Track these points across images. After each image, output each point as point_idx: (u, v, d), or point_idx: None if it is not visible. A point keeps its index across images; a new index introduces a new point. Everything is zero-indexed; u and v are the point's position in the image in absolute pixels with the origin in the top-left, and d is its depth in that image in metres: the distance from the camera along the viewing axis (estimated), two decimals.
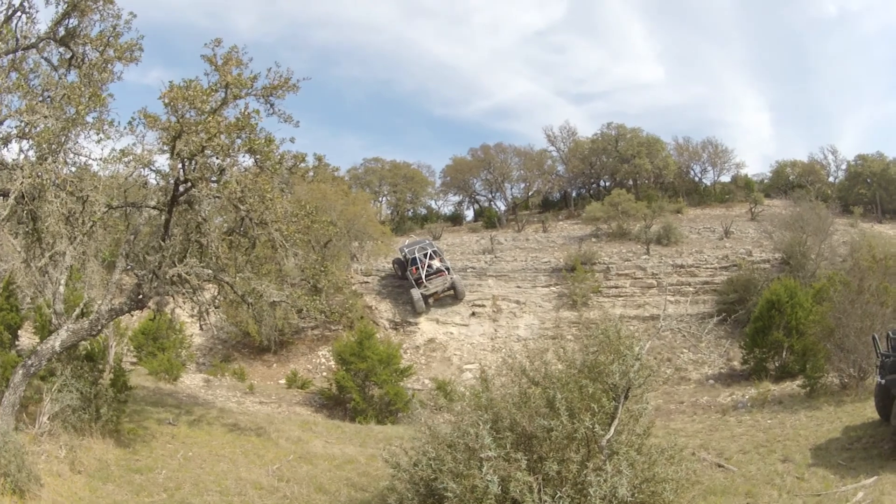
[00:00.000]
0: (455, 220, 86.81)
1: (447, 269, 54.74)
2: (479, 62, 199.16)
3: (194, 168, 19.43)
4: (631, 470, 12.55)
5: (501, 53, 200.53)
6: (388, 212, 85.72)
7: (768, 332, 37.02)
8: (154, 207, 21.19)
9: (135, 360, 37.57)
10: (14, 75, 20.25)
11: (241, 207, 20.53)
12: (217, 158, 19.31)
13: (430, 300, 53.59)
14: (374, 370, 36.26)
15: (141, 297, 21.11)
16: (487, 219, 79.05)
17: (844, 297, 30.42)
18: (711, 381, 40.31)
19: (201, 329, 27.31)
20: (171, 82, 18.63)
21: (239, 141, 19.40)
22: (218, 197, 20.17)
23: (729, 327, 45.62)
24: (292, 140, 21.64)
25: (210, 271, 21.79)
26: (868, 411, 23.98)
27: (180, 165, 19.53)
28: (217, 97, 19.60)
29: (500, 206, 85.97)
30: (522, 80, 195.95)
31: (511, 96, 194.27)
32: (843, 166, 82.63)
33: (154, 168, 20.48)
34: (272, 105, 20.89)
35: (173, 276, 20.81)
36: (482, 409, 13.87)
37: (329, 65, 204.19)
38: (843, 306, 29.97)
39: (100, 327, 20.42)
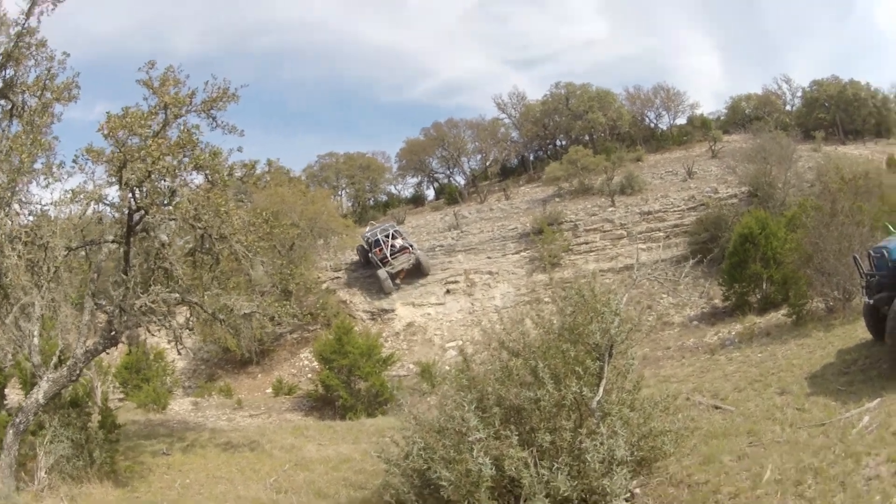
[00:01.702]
0: (417, 201, 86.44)
1: (410, 245, 55.19)
2: (423, 43, 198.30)
3: (145, 194, 19.07)
4: (626, 429, 12.35)
5: (444, 32, 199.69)
6: (350, 204, 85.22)
7: (745, 265, 37.10)
8: (113, 241, 20.89)
9: (122, 395, 37.20)
10: None
11: (198, 225, 20.14)
12: (166, 181, 18.88)
13: (398, 279, 53.90)
14: (356, 364, 36.11)
15: (113, 333, 20.82)
16: (448, 195, 78.70)
17: (818, 221, 30.35)
18: (695, 322, 40.35)
19: (179, 354, 26.83)
20: (108, 113, 18.31)
21: (185, 160, 18.91)
22: (173, 219, 19.76)
23: (705, 267, 45.21)
24: (240, 149, 21.35)
25: (177, 295, 21.37)
26: (859, 332, 23.74)
27: (130, 194, 19.10)
28: (158, 119, 19.24)
29: (460, 180, 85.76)
30: (469, 55, 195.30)
31: (458, 72, 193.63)
32: (799, 94, 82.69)
33: (107, 202, 20.14)
34: (214, 118, 20.53)
35: (141, 306, 20.34)
36: (465, 390, 13.45)
37: (274, 69, 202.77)
38: (819, 230, 29.87)
39: (78, 371, 20.13)
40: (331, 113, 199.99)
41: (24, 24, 19.75)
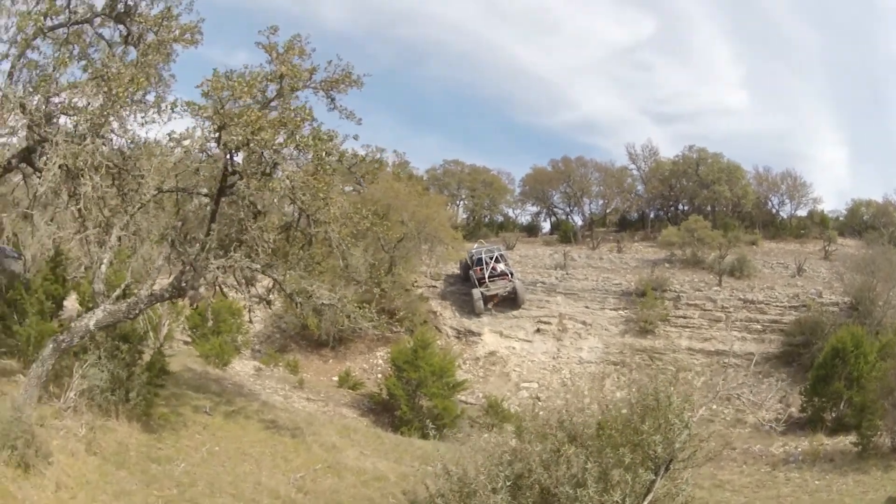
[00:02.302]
0: (531, 230, 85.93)
1: (510, 273, 54.25)
2: (563, 72, 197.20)
3: (243, 161, 18.54)
4: None
5: (585, 66, 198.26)
6: (465, 216, 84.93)
7: (830, 381, 35.62)
8: (205, 195, 20.35)
9: (190, 340, 37.02)
10: (76, 48, 20.01)
11: (296, 203, 19.57)
12: (265, 153, 18.30)
13: (491, 303, 53.04)
14: (425, 381, 35.35)
15: (183, 285, 20.20)
16: (563, 233, 77.85)
17: None
18: (767, 427, 38.81)
19: (250, 322, 26.58)
20: (214, 70, 17.82)
21: (281, 138, 18.30)
22: (268, 192, 19.18)
23: (792, 370, 44.42)
24: (356, 137, 20.78)
25: (258, 266, 20.81)
26: None
27: (228, 156, 18.59)
28: (272, 88, 18.76)
29: (577, 220, 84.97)
30: (606, 96, 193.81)
31: (594, 110, 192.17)
32: None
33: (210, 153, 19.69)
34: (333, 100, 19.99)
35: (218, 267, 19.87)
36: (503, 465, 12.54)
37: (416, 62, 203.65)
38: None
39: (137, 311, 19.58)
40: (463, 119, 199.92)
41: None
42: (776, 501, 24.10)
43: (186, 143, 18.57)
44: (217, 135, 17.97)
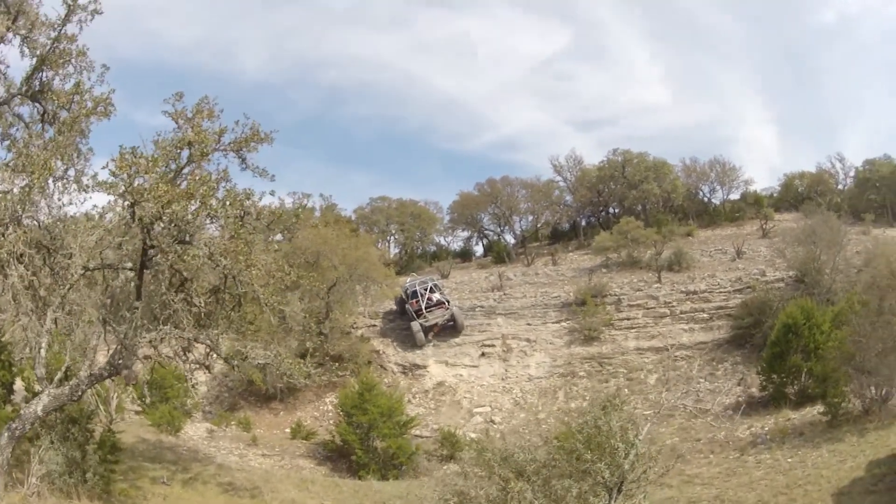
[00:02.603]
0: (464, 255, 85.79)
1: (446, 301, 54.56)
2: (486, 94, 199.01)
3: (157, 234, 18.55)
4: None
5: (508, 84, 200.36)
6: (397, 251, 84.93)
7: (786, 356, 36.24)
8: (130, 269, 20.27)
9: (140, 409, 36.50)
10: None
11: (220, 266, 19.53)
12: (179, 225, 18.35)
13: (431, 333, 53.18)
14: (376, 423, 35.27)
15: (119, 362, 20.14)
16: (496, 254, 77.91)
17: (864, 318, 29.49)
18: (730, 412, 39.02)
19: (193, 387, 26.46)
20: (120, 147, 17.81)
21: (193, 207, 18.33)
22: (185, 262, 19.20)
23: (746, 352, 44.78)
24: (272, 193, 20.99)
25: (189, 335, 20.72)
26: (893, 439, 22.88)
27: (144, 231, 18.58)
28: (184, 155, 18.84)
29: (510, 239, 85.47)
30: (530, 111, 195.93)
31: (518, 127, 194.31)
32: (852, 173, 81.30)
33: (130, 227, 19.68)
34: (244, 160, 20.09)
35: (149, 341, 19.89)
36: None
37: (337, 104, 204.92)
38: (864, 328, 29.16)
39: (80, 392, 19.59)
40: (389, 154, 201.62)
41: (60, 29, 19.85)
42: (749, 487, 24.01)
43: (109, 216, 18.64)
44: (131, 211, 17.92)
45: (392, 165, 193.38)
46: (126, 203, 18.04)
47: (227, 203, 18.91)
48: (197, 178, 18.84)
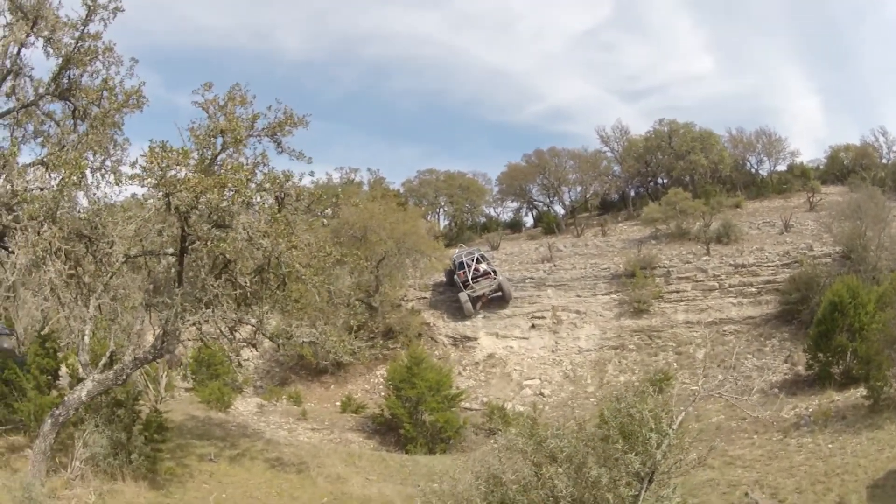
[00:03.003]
0: (514, 227, 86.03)
1: (493, 271, 54.58)
2: (530, 67, 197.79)
3: (193, 222, 18.81)
4: None
5: (551, 56, 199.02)
6: (447, 223, 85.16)
7: (832, 335, 35.63)
8: (171, 254, 20.54)
9: (191, 386, 37.03)
10: (30, 126, 21.01)
11: (260, 248, 19.71)
12: (214, 213, 18.58)
13: (479, 304, 53.41)
14: (424, 397, 35.39)
15: (162, 346, 20.49)
16: (546, 224, 78.00)
17: None
18: (775, 390, 38.55)
19: (238, 366, 26.77)
20: (150, 142, 18.06)
21: (230, 194, 18.50)
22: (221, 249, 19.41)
23: (793, 328, 44.15)
24: (311, 174, 21.43)
25: (233, 316, 20.99)
26: None
27: (181, 219, 18.82)
28: (217, 143, 19.08)
29: (559, 210, 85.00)
30: (574, 81, 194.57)
31: (564, 98, 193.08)
32: (895, 147, 79.63)
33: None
34: (279, 143, 20.26)
35: (193, 323, 20.22)
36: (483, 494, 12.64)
37: (381, 79, 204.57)
38: None
39: (125, 377, 20.29)
40: (435, 128, 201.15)
41: (83, 29, 20.19)
42: (788, 473, 23.86)
43: (150, 202, 18.90)
44: (166, 200, 18.12)
45: (439, 138, 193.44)
46: (161, 193, 18.26)
47: (266, 186, 19.13)
48: (229, 166, 19.04)
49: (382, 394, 42.96)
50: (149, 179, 18.29)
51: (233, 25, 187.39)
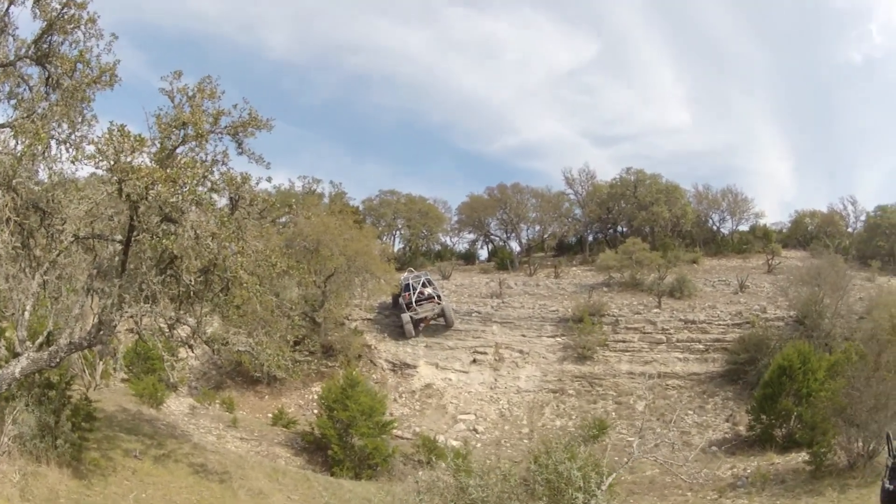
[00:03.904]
0: (468, 258, 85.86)
1: (437, 296, 55.12)
2: (508, 98, 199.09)
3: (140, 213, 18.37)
4: None
5: (530, 91, 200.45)
6: (401, 246, 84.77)
7: (777, 398, 35.95)
8: (119, 242, 20.04)
9: (126, 378, 36.37)
10: (6, 86, 20.96)
11: (206, 249, 19.24)
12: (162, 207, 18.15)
13: (420, 326, 53.74)
14: (355, 421, 34.72)
15: (98, 334, 19.99)
16: (500, 260, 77.87)
17: (860, 371, 29.30)
18: (714, 448, 38.54)
19: (171, 367, 26.28)
20: (110, 124, 17.66)
21: (183, 190, 18.09)
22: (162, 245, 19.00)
23: (738, 388, 44.50)
24: (269, 179, 20.84)
25: (169, 314, 20.49)
26: (873, 501, 22.51)
27: (131, 210, 18.38)
28: (177, 135, 18.68)
29: (515, 246, 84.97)
30: (550, 120, 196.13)
31: (537, 135, 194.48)
32: (863, 217, 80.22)
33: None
34: (240, 144, 19.91)
35: (131, 316, 19.76)
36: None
37: (360, 90, 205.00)
38: (858, 381, 28.94)
39: (58, 359, 19.64)
40: (404, 147, 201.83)
41: None
42: None
43: (104, 186, 18.52)
44: (118, 187, 17.66)
45: (407, 158, 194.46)
46: (114, 178, 17.83)
47: (221, 186, 18.77)
48: (181, 162, 18.63)
49: (315, 411, 42.44)
50: (103, 162, 17.83)
51: (222, 12, 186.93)
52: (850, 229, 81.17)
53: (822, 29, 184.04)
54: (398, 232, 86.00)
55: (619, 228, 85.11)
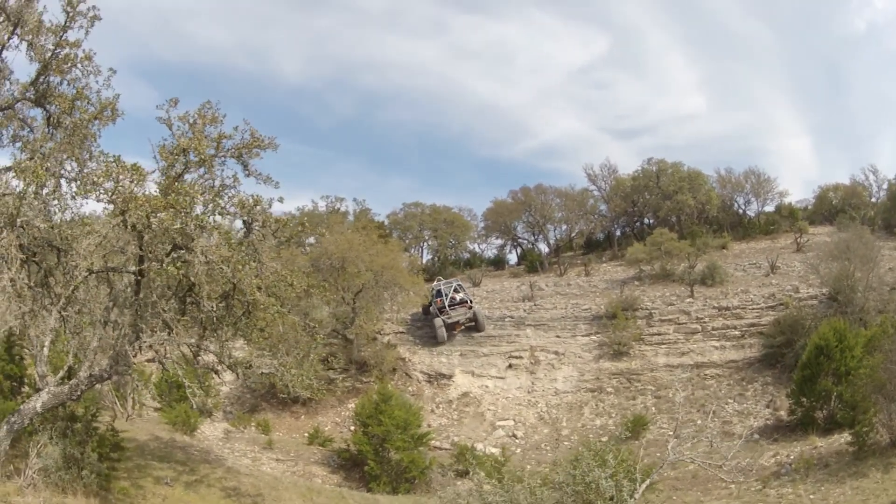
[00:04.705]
0: (497, 264, 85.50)
1: (469, 300, 55.20)
2: (524, 102, 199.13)
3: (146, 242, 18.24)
4: None
5: (546, 92, 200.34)
6: (430, 257, 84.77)
7: (816, 379, 35.01)
8: (132, 273, 19.89)
9: (159, 406, 36.25)
10: (11, 129, 21.31)
11: (221, 274, 19.04)
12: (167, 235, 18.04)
13: (454, 331, 53.90)
14: (390, 435, 34.51)
15: (116, 366, 19.92)
16: (530, 263, 77.63)
17: None
18: (756, 436, 37.78)
19: (193, 395, 26.09)
20: (105, 157, 17.51)
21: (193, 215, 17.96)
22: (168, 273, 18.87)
23: (777, 372, 43.65)
24: (281, 200, 20.64)
25: (188, 342, 20.33)
26: None
27: (137, 239, 18.25)
28: (180, 161, 18.53)
29: (543, 248, 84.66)
30: (567, 119, 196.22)
31: (556, 135, 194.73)
32: (885, 186, 78.98)
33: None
34: (246, 166, 19.68)
35: (149, 346, 19.77)
36: None
37: (376, 108, 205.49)
38: (895, 356, 28.21)
39: (80, 392, 19.71)
40: (425, 159, 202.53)
41: (60, 35, 19.95)
42: None
43: (108, 218, 18.40)
44: (122, 218, 17.51)
45: (429, 170, 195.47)
46: (117, 210, 17.70)
47: (231, 210, 18.66)
48: (179, 188, 18.44)
49: (351, 428, 42.24)
50: (103, 195, 17.70)
51: (233, 44, 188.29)
52: (873, 199, 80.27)
53: (825, 2, 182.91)
54: (426, 243, 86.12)
55: (646, 220, 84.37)
